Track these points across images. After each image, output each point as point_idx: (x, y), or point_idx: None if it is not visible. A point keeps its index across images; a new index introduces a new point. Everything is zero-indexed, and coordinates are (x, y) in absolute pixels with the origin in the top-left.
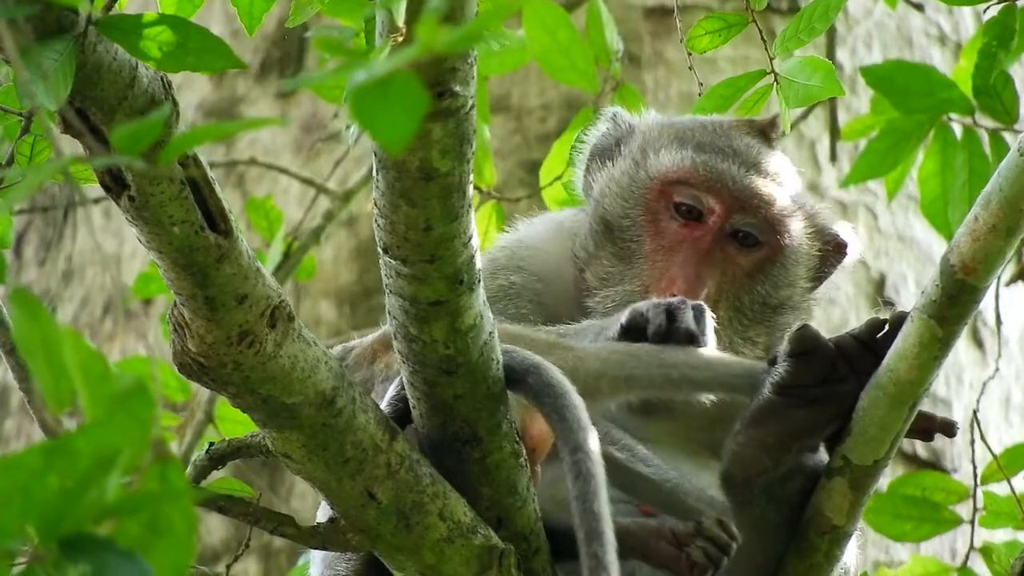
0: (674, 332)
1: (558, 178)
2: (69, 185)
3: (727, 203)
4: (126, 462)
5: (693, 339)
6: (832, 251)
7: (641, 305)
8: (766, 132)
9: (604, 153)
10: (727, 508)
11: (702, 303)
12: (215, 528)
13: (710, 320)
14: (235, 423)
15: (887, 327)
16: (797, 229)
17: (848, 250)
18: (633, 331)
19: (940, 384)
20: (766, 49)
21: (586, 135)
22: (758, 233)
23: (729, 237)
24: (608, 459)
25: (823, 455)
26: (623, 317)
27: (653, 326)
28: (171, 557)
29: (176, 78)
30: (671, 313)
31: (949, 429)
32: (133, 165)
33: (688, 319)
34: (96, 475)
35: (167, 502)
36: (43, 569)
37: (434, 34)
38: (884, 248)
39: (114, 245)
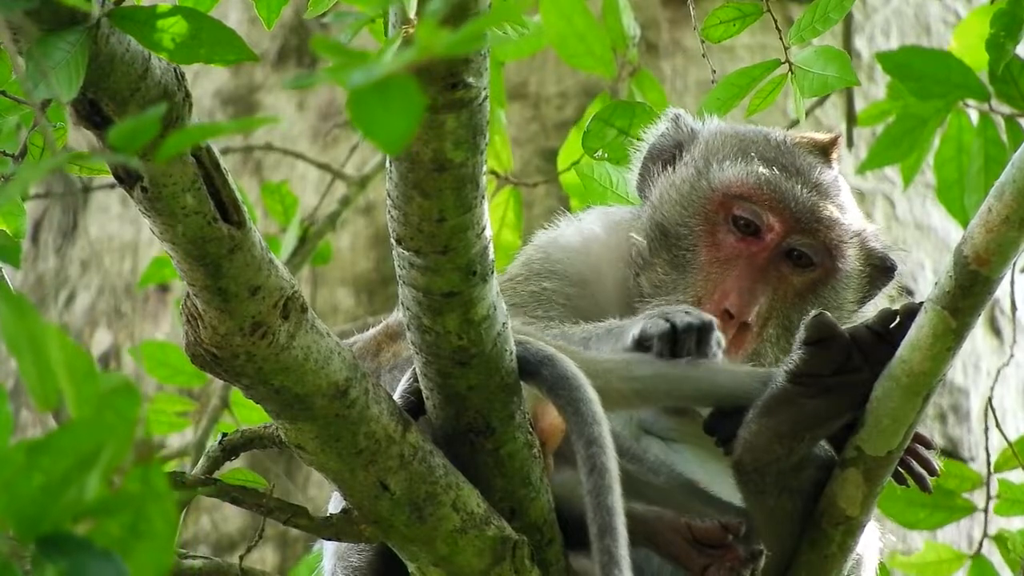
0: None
1: (575, 163)
2: (81, 177)
3: (787, 223)
4: (108, 461)
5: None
6: (880, 273)
7: (649, 327)
8: (827, 151)
9: (663, 155)
10: (741, 511)
11: (712, 321)
12: (232, 517)
13: (716, 342)
14: (251, 409)
15: (899, 318)
16: (852, 254)
17: (896, 273)
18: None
19: (958, 373)
20: (780, 39)
21: (644, 133)
22: (813, 255)
23: (784, 256)
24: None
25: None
26: (635, 332)
27: (656, 350)
28: (151, 558)
29: (193, 66)
30: (675, 341)
31: (931, 470)
32: (133, 161)
33: (691, 347)
34: (76, 474)
35: (148, 503)
36: (20, 567)
37: (433, 36)
38: (902, 236)
39: (131, 232)
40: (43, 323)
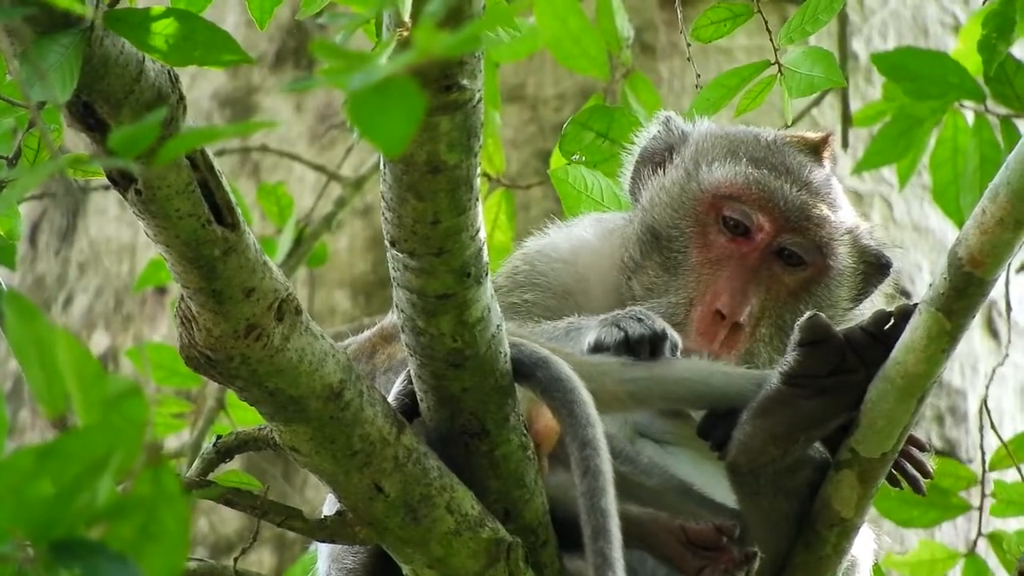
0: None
1: (568, 164)
2: (78, 179)
3: (777, 222)
4: (119, 465)
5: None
6: (874, 271)
7: (604, 336)
8: (818, 149)
9: (654, 158)
10: (735, 513)
11: (665, 329)
12: (229, 519)
13: (670, 349)
14: (247, 411)
15: (893, 320)
16: (843, 251)
17: (891, 270)
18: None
19: (955, 374)
20: (770, 39)
21: (636, 137)
22: (804, 254)
23: (775, 255)
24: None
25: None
26: (590, 340)
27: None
28: (164, 560)
29: (191, 68)
30: (629, 350)
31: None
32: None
33: (645, 357)
34: (88, 479)
35: (160, 505)
36: (34, 571)
37: (432, 38)
38: (899, 238)
39: (129, 235)
40: (50, 327)
